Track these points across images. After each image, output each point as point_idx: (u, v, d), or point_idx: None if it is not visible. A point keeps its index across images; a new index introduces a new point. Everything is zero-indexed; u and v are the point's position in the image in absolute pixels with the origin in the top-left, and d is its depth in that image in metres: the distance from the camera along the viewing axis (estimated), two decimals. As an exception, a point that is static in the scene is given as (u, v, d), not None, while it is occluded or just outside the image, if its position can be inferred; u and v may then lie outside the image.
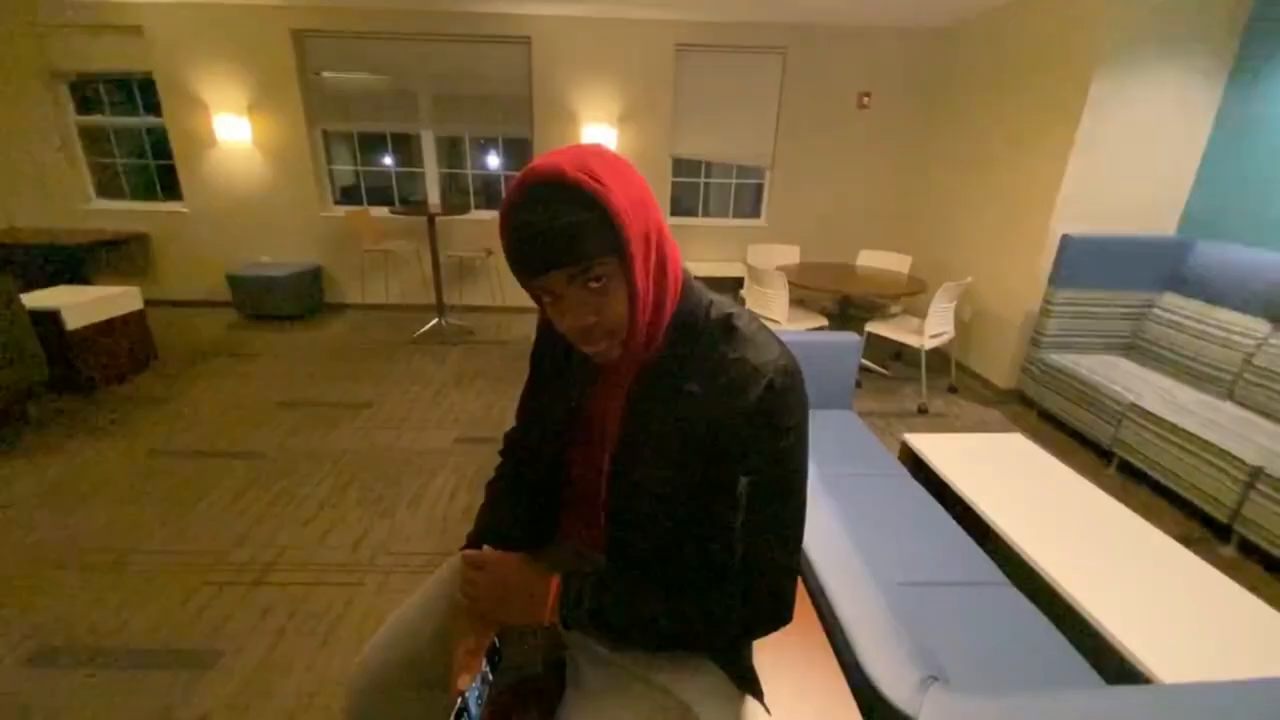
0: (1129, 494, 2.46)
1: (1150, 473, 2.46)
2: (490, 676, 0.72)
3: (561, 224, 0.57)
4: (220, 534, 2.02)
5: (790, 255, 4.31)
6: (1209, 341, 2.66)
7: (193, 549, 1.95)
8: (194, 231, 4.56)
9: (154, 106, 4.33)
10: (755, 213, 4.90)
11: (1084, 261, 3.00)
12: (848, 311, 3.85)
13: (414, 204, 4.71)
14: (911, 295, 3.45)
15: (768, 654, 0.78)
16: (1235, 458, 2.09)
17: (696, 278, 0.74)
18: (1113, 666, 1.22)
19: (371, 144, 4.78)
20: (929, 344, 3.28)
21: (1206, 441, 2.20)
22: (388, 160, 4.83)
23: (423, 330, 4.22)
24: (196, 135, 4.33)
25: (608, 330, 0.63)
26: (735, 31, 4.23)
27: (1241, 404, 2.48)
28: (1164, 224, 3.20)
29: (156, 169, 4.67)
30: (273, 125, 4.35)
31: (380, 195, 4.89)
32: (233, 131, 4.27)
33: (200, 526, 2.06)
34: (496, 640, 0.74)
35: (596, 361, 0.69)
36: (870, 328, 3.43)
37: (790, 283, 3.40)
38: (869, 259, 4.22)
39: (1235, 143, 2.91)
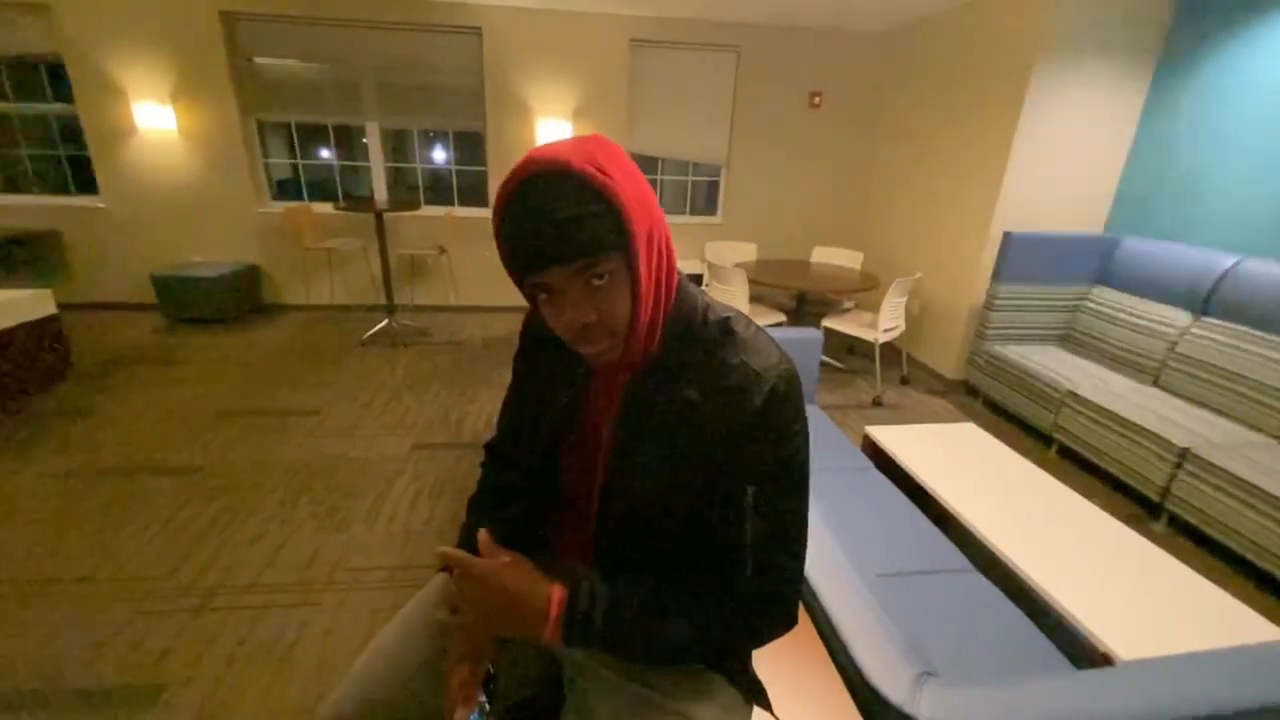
0: (1069, 476, 2.60)
1: (1088, 456, 2.61)
2: (488, 707, 0.67)
3: (566, 216, 0.54)
4: (155, 558, 1.87)
5: (748, 252, 4.36)
6: (1137, 332, 2.85)
7: (124, 575, 1.79)
8: (113, 228, 4.21)
9: (65, 92, 3.96)
10: (712, 210, 4.93)
11: (1024, 257, 3.16)
12: (804, 308, 3.93)
13: (359, 199, 4.50)
14: (865, 291, 3.55)
15: (765, 659, 0.77)
16: (1165, 440, 2.24)
17: None
18: (1073, 645, 1.27)
19: (311, 136, 4.53)
20: (882, 338, 3.39)
21: (1138, 426, 2.35)
22: (327, 154, 4.59)
23: (372, 332, 4.04)
24: (114, 124, 3.99)
25: (608, 330, 0.61)
26: (689, 28, 4.23)
27: (1166, 389, 2.67)
28: (1095, 221, 3.41)
29: (69, 160, 4.28)
30: (200, 114, 4.05)
31: (321, 190, 4.64)
32: (155, 120, 3.95)
33: (131, 550, 1.89)
34: (491, 668, 0.70)
35: (591, 363, 0.66)
36: (826, 323, 3.51)
37: (749, 280, 3.43)
38: (823, 256, 4.31)
39: (1156, 146, 3.12)
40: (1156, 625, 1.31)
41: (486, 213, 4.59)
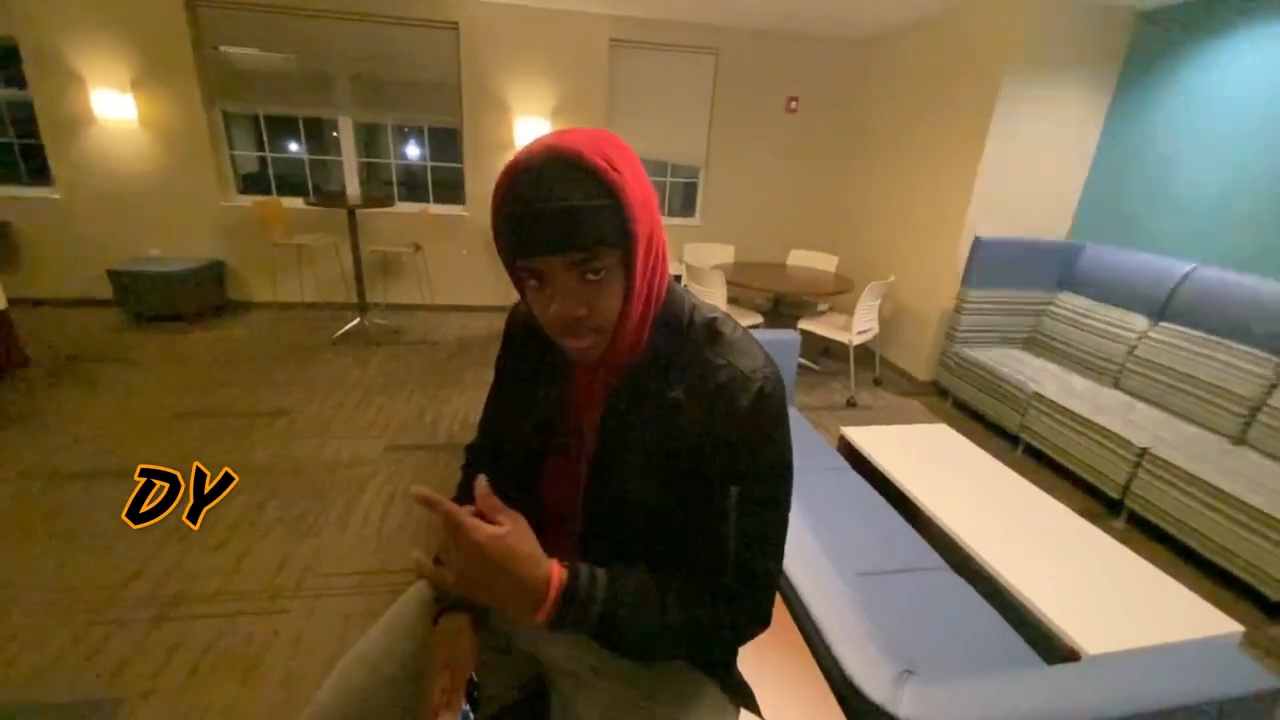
0: (1034, 475, 2.68)
1: (1052, 455, 2.70)
2: (471, 715, 0.66)
3: (574, 206, 0.53)
4: (113, 565, 1.79)
5: (725, 254, 4.39)
6: (1098, 335, 2.95)
7: (79, 584, 1.71)
8: (68, 221, 4.02)
9: (16, 78, 3.78)
10: (690, 211, 4.95)
11: (993, 262, 3.24)
12: (780, 309, 3.97)
13: (331, 194, 4.40)
14: (840, 294, 3.61)
15: (750, 660, 0.77)
16: (1125, 440, 2.33)
17: None
18: (1042, 640, 1.31)
19: (279, 128, 4.41)
20: (857, 340, 3.44)
21: (1100, 426, 2.44)
22: (296, 147, 4.47)
23: (343, 330, 3.94)
24: (70, 112, 3.81)
25: (595, 326, 0.60)
26: (669, 30, 4.24)
27: (1126, 391, 2.77)
28: (1060, 227, 3.52)
29: (20, 149, 4.08)
30: (163, 103, 3.90)
31: (290, 184, 4.52)
32: (114, 109, 3.79)
33: (87, 558, 1.81)
34: (474, 675, 0.68)
35: (574, 358, 0.65)
36: (802, 325, 3.55)
37: (727, 281, 3.46)
38: (799, 258, 4.37)
39: (1118, 156, 3.24)
40: (1120, 619, 1.35)
41: (463, 210, 4.53)
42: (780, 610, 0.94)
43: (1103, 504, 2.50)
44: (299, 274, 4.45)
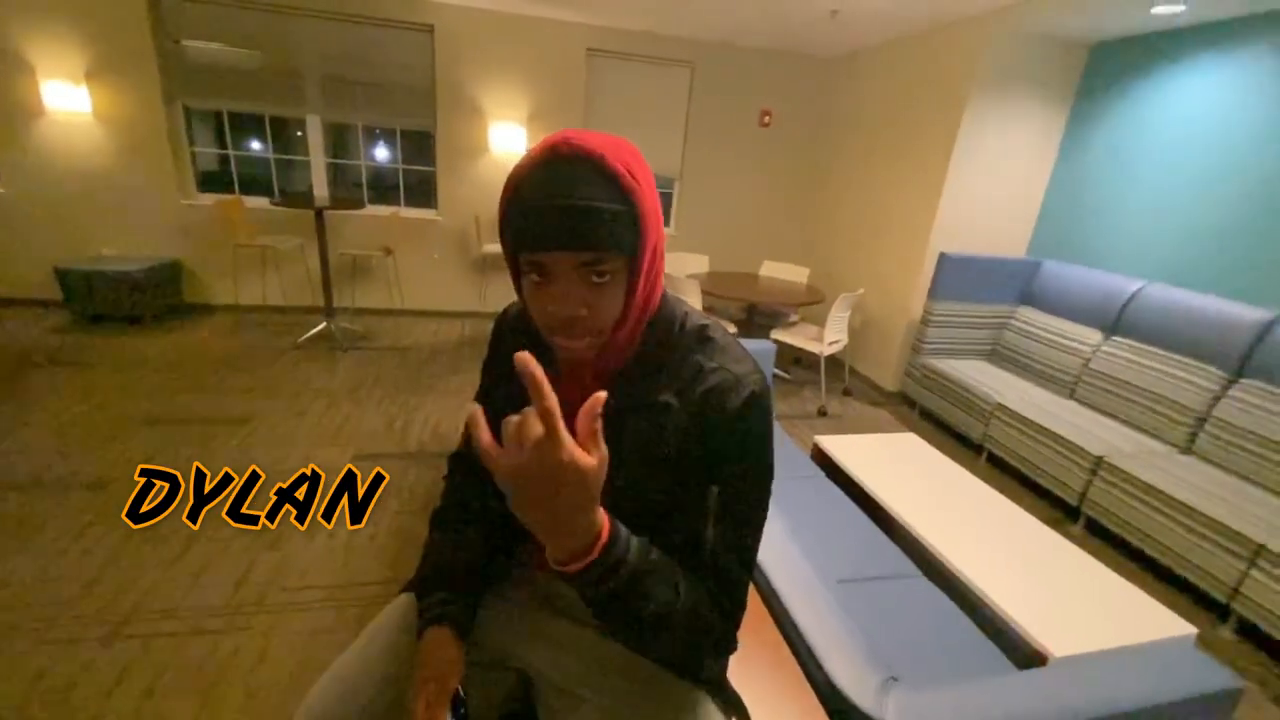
0: (998, 483, 2.77)
1: (1014, 464, 2.79)
2: (458, 732, 0.64)
3: (592, 206, 0.54)
4: (59, 582, 1.69)
5: (700, 264, 4.43)
6: (1055, 349, 3.08)
7: (23, 602, 1.60)
8: (13, 216, 3.81)
9: (-47, 63, 3.57)
10: (665, 221, 4.97)
11: (957, 277, 3.36)
12: (753, 319, 4.02)
13: (297, 195, 4.28)
14: (811, 305, 3.68)
15: (736, 671, 0.77)
16: (1082, 449, 2.43)
17: None
18: (1011, 644, 1.35)
19: (242, 126, 4.27)
20: (828, 350, 3.51)
21: (1059, 435, 2.53)
22: (258, 145, 4.34)
23: (309, 335, 3.82)
24: (18, 103, 3.62)
25: (594, 328, 0.60)
26: (645, 41, 4.28)
27: (1081, 402, 2.89)
28: (1020, 244, 3.67)
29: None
30: (119, 96, 3.74)
31: (252, 184, 4.37)
32: (66, 100, 3.62)
33: (31, 574, 1.70)
34: (461, 690, 0.66)
35: (564, 358, 0.65)
36: (775, 335, 3.60)
37: (702, 291, 3.49)
38: (771, 269, 4.44)
39: (1072, 178, 3.40)
40: (1083, 623, 1.40)
41: (435, 214, 4.47)
42: (766, 620, 0.94)
43: (1062, 510, 2.59)
44: (262, 276, 4.30)
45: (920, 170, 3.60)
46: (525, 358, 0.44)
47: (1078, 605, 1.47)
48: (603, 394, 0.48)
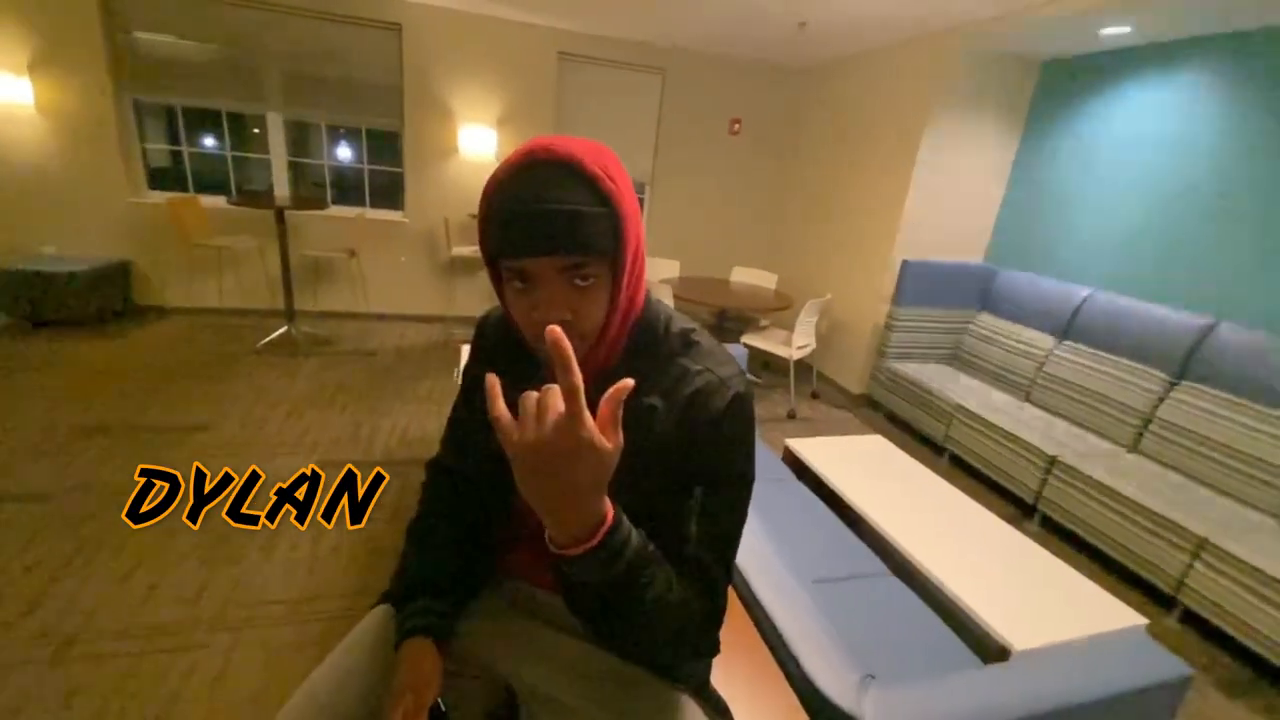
0: (960, 482, 2.85)
1: (974, 464, 2.89)
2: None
3: (573, 210, 0.54)
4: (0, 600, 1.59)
5: (671, 269, 4.45)
6: (1011, 353, 3.20)
7: (-48, 625, 1.50)
8: (-60, 212, 3.58)
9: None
10: (635, 225, 4.99)
11: (920, 284, 3.46)
12: (724, 324, 4.07)
13: (257, 194, 4.13)
14: (781, 310, 3.74)
15: (718, 671, 0.78)
16: (1037, 449, 2.53)
17: None
18: (975, 639, 1.39)
19: (196, 121, 4.11)
20: (797, 355, 3.57)
21: (1016, 436, 2.64)
22: (211, 142, 4.17)
23: (268, 339, 3.69)
24: (-53, 91, 3.41)
25: (580, 332, 0.60)
26: (617, 47, 4.30)
27: (1037, 404, 3.02)
28: (978, 252, 3.81)
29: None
30: (66, 88, 3.55)
31: (208, 182, 4.21)
32: (7, 92, 3.42)
33: (-37, 594, 1.60)
34: (441, 703, 0.65)
35: (548, 361, 0.64)
36: (745, 339, 3.65)
37: (674, 295, 3.51)
38: (741, 275, 4.50)
39: (1024, 190, 3.55)
40: (1042, 617, 1.46)
41: (402, 216, 4.38)
42: (746, 622, 0.95)
43: (1020, 508, 2.69)
44: (219, 278, 4.14)
45: (885, 179, 3.70)
46: (557, 332, 0.44)
47: (1037, 600, 1.53)
48: (629, 381, 0.48)
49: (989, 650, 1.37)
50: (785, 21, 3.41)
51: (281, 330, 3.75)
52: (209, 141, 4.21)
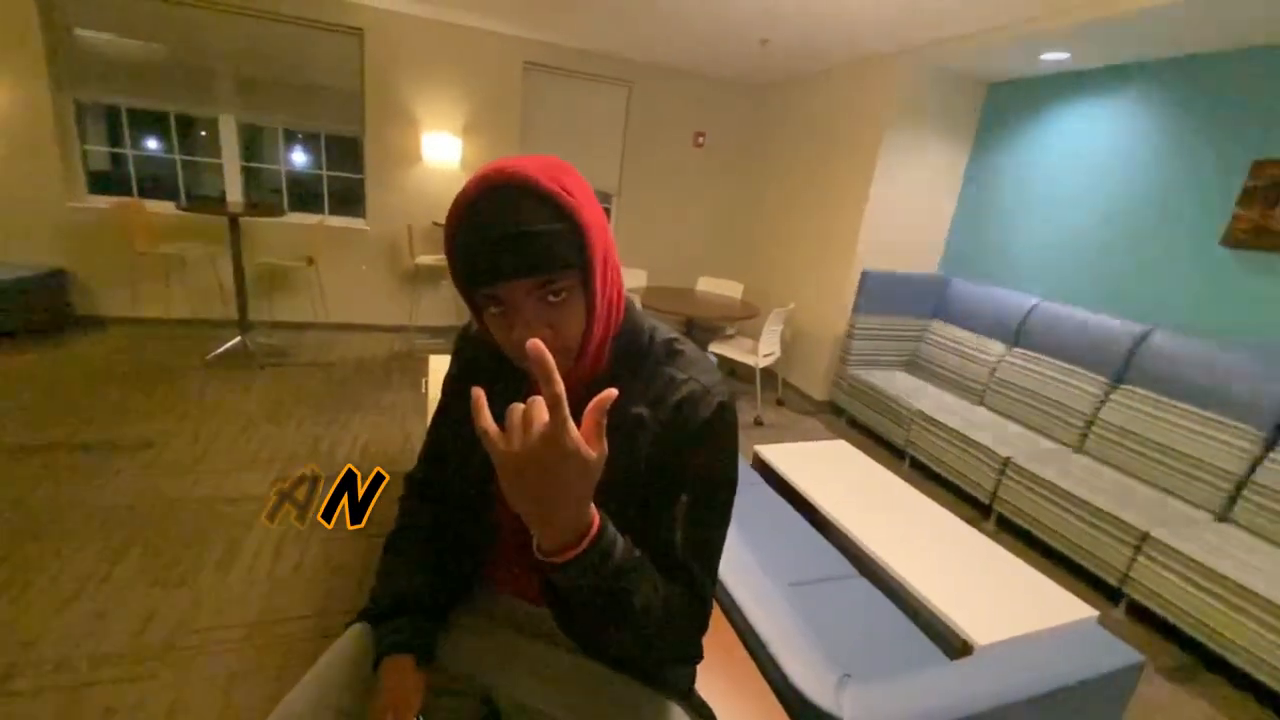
0: (921, 485, 2.94)
1: (933, 467, 2.99)
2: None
3: (533, 231, 0.54)
4: (-84, 636, 1.47)
5: (638, 279, 4.47)
6: (965, 359, 3.34)
7: None
8: None
9: None
10: (601, 235, 5.01)
11: (878, 293, 3.58)
12: (692, 333, 4.11)
13: (208, 199, 3.98)
14: (747, 319, 3.81)
15: (701, 676, 0.78)
16: (992, 451, 2.64)
17: None
18: (940, 636, 1.44)
19: (139, 124, 3.93)
20: (762, 363, 3.64)
21: (971, 439, 2.74)
22: (155, 144, 4.00)
23: (220, 351, 3.54)
24: None
25: (561, 347, 0.60)
26: (583, 59, 4.32)
27: (990, 408, 3.15)
28: (933, 262, 3.96)
29: None
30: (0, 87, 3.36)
31: (154, 186, 4.02)
32: (-74, 88, 3.21)
33: (-122, 630, 1.47)
34: (421, 719, 0.64)
35: (534, 375, 0.64)
36: (713, 348, 3.70)
37: (642, 305, 3.53)
38: (707, 285, 4.56)
39: (973, 204, 3.73)
40: (1001, 612, 1.52)
41: (362, 223, 4.28)
42: (726, 627, 0.96)
43: (977, 509, 2.80)
44: (166, 287, 3.95)
45: (845, 192, 3.82)
46: (538, 345, 0.44)
47: (995, 596, 1.59)
48: (612, 391, 0.49)
49: (952, 646, 1.41)
50: (748, 38, 3.50)
51: (234, 341, 3.60)
52: (155, 144, 4.03)
